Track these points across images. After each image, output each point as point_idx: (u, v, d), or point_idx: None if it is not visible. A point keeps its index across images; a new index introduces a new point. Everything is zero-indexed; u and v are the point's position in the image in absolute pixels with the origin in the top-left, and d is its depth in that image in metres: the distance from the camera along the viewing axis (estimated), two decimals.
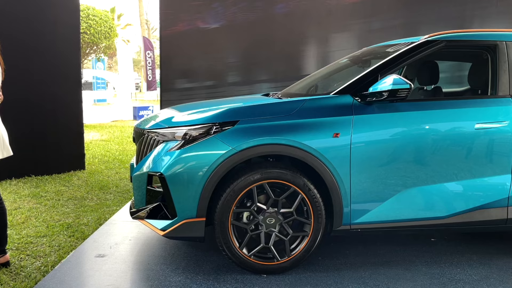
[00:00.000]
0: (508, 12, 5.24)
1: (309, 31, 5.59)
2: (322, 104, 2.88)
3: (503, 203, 2.94)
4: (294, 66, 5.64)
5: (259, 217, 2.78)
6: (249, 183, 2.73)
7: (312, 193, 2.78)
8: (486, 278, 2.82)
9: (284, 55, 5.60)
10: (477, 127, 2.87)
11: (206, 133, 2.72)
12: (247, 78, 5.67)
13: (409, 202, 2.88)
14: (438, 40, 3.02)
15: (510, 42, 3.05)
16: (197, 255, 3.14)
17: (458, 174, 2.89)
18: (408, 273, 2.89)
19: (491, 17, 5.19)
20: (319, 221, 2.82)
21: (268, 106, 2.90)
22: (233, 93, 5.45)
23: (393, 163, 2.84)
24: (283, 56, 5.60)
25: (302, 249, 2.83)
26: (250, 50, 5.56)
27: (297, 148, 2.73)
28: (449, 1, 5.45)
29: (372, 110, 2.84)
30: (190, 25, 5.48)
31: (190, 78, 5.64)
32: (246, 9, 5.43)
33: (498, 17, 5.20)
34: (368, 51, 3.83)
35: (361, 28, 5.53)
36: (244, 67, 5.64)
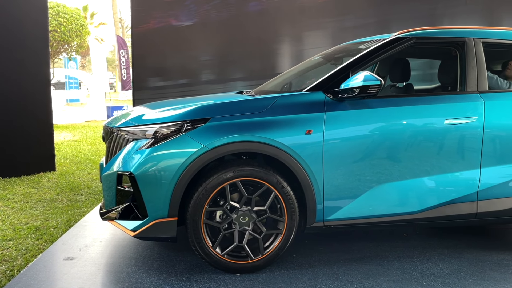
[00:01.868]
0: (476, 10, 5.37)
1: (283, 29, 5.58)
2: (294, 101, 2.86)
3: (473, 197, 2.99)
4: (269, 64, 5.63)
5: (232, 215, 2.75)
6: (222, 181, 2.69)
7: (286, 191, 2.77)
8: (457, 272, 2.87)
9: (258, 53, 5.58)
10: (446, 123, 2.91)
11: (177, 131, 2.67)
12: (221, 76, 5.63)
13: (382, 198, 2.90)
14: (408, 37, 3.05)
15: (478, 39, 3.10)
16: (170, 255, 3.08)
17: (428, 169, 2.92)
18: (381, 269, 2.91)
19: (461, 15, 5.30)
20: (292, 219, 2.80)
21: (240, 103, 2.87)
22: (208, 91, 5.39)
23: (366, 160, 2.86)
24: (258, 54, 5.58)
25: (276, 247, 2.81)
26: (224, 48, 5.52)
27: (269, 145, 2.71)
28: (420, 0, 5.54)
29: (344, 106, 2.84)
30: (163, 23, 5.39)
31: (163, 77, 5.56)
32: (219, 7, 5.38)
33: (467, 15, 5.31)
34: (341, 49, 3.84)
35: (334, 26, 5.56)
36: (218, 65, 5.59)
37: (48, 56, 5.90)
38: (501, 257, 3.12)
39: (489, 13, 5.42)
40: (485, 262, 3.03)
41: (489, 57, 3.20)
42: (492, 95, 3.04)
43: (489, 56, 3.17)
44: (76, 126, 12.48)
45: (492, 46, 3.19)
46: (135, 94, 5.54)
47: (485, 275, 2.81)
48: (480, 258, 3.10)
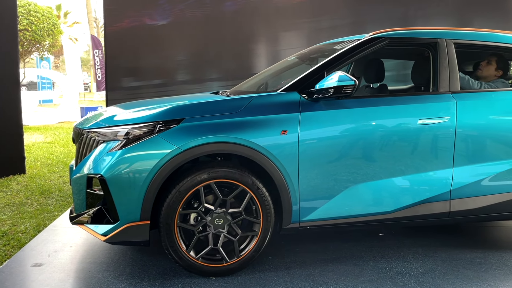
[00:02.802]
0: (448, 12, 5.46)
1: (259, 29, 5.56)
2: (269, 101, 2.84)
3: (446, 196, 3.03)
4: (245, 64, 5.59)
5: (207, 218, 2.70)
6: (196, 183, 2.64)
7: (261, 192, 2.74)
8: (431, 271, 2.89)
9: (235, 53, 5.54)
10: (420, 123, 2.93)
11: (149, 132, 2.61)
12: (197, 76, 5.56)
13: (357, 198, 2.90)
14: (382, 38, 3.06)
15: (450, 40, 3.14)
16: (143, 259, 3.01)
17: (403, 169, 2.94)
18: (357, 269, 2.91)
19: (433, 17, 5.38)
20: (268, 220, 2.77)
21: (215, 104, 2.83)
22: (184, 91, 5.32)
23: (341, 160, 2.85)
24: (234, 54, 5.54)
25: (252, 249, 2.78)
26: (199, 48, 5.45)
27: (244, 146, 2.68)
28: (395, 1, 5.61)
29: (319, 107, 2.83)
30: (136, 22, 5.29)
31: (137, 77, 5.45)
32: (194, 6, 5.32)
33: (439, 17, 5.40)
34: (316, 49, 3.84)
35: (310, 27, 5.57)
36: (194, 65, 5.52)
37: (18, 55, 5.71)
38: (473, 255, 3.17)
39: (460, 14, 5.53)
40: (459, 260, 3.07)
41: (461, 58, 3.25)
42: (464, 95, 3.08)
43: (461, 56, 3.21)
44: (48, 128, 12.16)
45: (464, 47, 3.24)
46: (109, 95, 5.41)
47: (459, 274, 2.85)
48: (453, 256, 3.14)
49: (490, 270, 2.90)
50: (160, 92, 5.33)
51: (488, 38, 3.30)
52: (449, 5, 5.50)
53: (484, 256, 3.15)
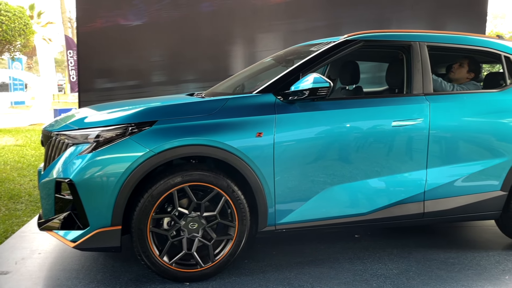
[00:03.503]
0: (422, 15, 5.55)
1: (236, 31, 5.52)
2: (244, 103, 2.80)
3: (420, 197, 3.05)
4: (222, 65, 5.54)
5: (181, 222, 2.64)
6: (169, 187, 2.58)
7: (236, 195, 2.70)
8: (406, 272, 2.91)
9: (211, 55, 5.48)
10: (394, 124, 2.95)
11: (121, 134, 2.54)
12: (173, 78, 5.48)
13: (333, 200, 2.90)
14: (356, 40, 3.07)
15: (423, 43, 3.17)
16: (114, 266, 2.93)
17: (377, 170, 2.95)
18: (332, 271, 2.90)
19: (407, 20, 5.45)
20: (243, 223, 2.74)
21: (189, 105, 2.78)
22: (159, 93, 5.23)
23: (316, 162, 2.84)
24: (210, 56, 5.48)
25: (227, 253, 2.73)
26: (175, 49, 5.37)
27: (219, 149, 2.64)
28: (369, 4, 5.66)
29: (294, 109, 2.82)
30: (110, 22, 5.18)
31: (111, 78, 5.33)
32: (169, 7, 5.24)
33: (413, 20, 5.48)
34: (292, 51, 3.83)
35: (287, 29, 5.57)
36: (170, 66, 5.43)
37: None
38: (447, 255, 3.20)
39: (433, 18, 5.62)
40: (432, 261, 3.09)
41: (434, 61, 3.29)
42: (436, 97, 3.12)
43: (434, 59, 3.25)
44: (20, 130, 11.82)
45: (437, 50, 3.29)
46: (81, 96, 5.27)
47: (433, 274, 2.87)
48: (427, 257, 3.16)
49: (463, 270, 2.94)
50: (135, 93, 5.23)
51: (460, 41, 3.35)
52: (422, 9, 5.58)
53: (457, 256, 3.19)
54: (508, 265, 3.04)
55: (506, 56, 3.38)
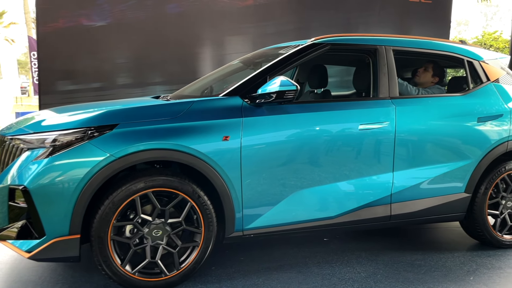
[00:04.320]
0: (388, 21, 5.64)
1: (204, 33, 5.45)
2: (210, 106, 2.74)
3: (387, 200, 3.06)
4: (190, 68, 5.45)
5: (144, 229, 2.55)
6: (131, 193, 2.48)
7: (202, 200, 2.62)
8: (374, 275, 2.90)
9: (179, 57, 5.39)
10: (361, 128, 2.95)
11: (80, 138, 2.42)
12: (139, 80, 5.34)
13: (301, 204, 2.87)
14: (323, 43, 3.06)
15: (389, 47, 3.20)
16: (74, 276, 2.79)
17: (344, 174, 2.94)
18: (301, 276, 2.86)
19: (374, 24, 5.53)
20: (210, 229, 2.67)
21: (152, 108, 2.68)
22: (124, 95, 5.09)
23: (284, 166, 2.81)
24: (178, 58, 5.38)
25: (193, 261, 2.65)
26: (142, 51, 5.24)
27: (184, 153, 2.56)
28: (338, 9, 5.71)
29: (261, 112, 2.77)
30: (73, 22, 5.00)
31: (74, 80, 5.14)
32: (135, 7, 5.11)
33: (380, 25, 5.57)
34: (260, 54, 3.80)
35: (256, 32, 5.54)
36: (136, 68, 5.30)
37: None
38: (414, 257, 3.23)
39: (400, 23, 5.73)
40: (400, 263, 3.11)
41: (400, 65, 3.32)
42: (402, 101, 3.15)
43: (399, 63, 3.28)
44: None
45: (402, 54, 3.32)
46: (42, 99, 5.06)
47: (400, 277, 2.88)
48: (394, 259, 3.18)
49: (430, 272, 2.96)
50: (99, 96, 5.06)
51: (425, 45, 3.40)
52: (389, 14, 5.68)
53: (423, 258, 3.22)
54: (473, 266, 3.09)
55: (468, 60, 3.46)
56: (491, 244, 3.44)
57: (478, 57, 3.50)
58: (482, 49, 3.69)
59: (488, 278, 2.90)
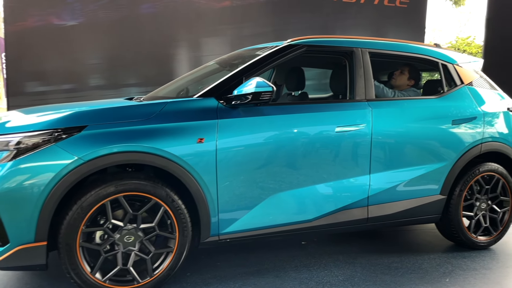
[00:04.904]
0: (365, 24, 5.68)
1: (180, 34, 5.36)
2: (184, 107, 2.66)
3: (364, 203, 3.05)
4: (166, 69, 5.36)
5: (115, 235, 2.45)
6: (101, 197, 2.38)
7: (176, 205, 2.54)
8: (351, 278, 2.88)
9: (154, 58, 5.28)
10: (337, 130, 2.92)
11: (46, 141, 2.31)
12: (112, 82, 5.21)
13: (277, 207, 2.82)
14: (300, 45, 3.03)
15: (365, 49, 3.19)
16: (42, 285, 2.66)
17: (321, 176, 2.91)
18: (278, 280, 2.81)
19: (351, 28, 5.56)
20: (184, 235, 2.59)
21: (123, 109, 2.58)
22: (97, 97, 4.95)
23: (261, 169, 2.75)
24: (153, 59, 5.28)
25: (167, 267, 2.57)
26: (115, 51, 5.12)
27: (157, 156, 2.48)
28: (315, 12, 5.72)
29: (237, 113, 2.71)
30: (42, 21, 4.83)
31: (44, 81, 4.97)
32: (108, 7, 4.99)
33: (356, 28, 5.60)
34: (236, 55, 3.74)
35: (233, 34, 5.49)
36: (109, 69, 5.17)
37: None
38: (391, 260, 3.22)
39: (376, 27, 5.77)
40: (377, 266, 3.09)
41: (376, 68, 3.32)
42: (378, 103, 3.14)
43: (376, 66, 3.28)
44: None
45: (378, 56, 3.32)
46: (10, 101, 4.87)
47: (377, 279, 2.86)
48: (372, 262, 3.16)
49: (406, 274, 2.96)
50: (71, 98, 4.91)
51: (400, 48, 3.41)
52: (365, 18, 5.72)
53: (400, 260, 3.21)
54: (448, 267, 3.10)
55: (443, 64, 3.49)
56: (466, 245, 3.47)
57: (452, 60, 3.54)
58: (456, 53, 3.74)
59: (463, 279, 2.91)
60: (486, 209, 3.49)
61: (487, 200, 3.50)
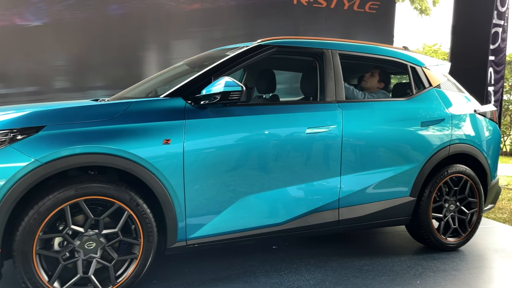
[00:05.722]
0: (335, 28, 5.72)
1: (149, 36, 5.24)
2: (150, 107, 2.57)
3: (334, 205, 3.02)
4: (134, 72, 5.21)
5: (75, 242, 2.32)
6: (60, 201, 2.25)
7: (141, 209, 2.44)
8: (322, 282, 2.83)
9: (123, 60, 5.14)
10: (308, 131, 2.89)
11: (1, 142, 2.17)
12: (79, 84, 5.03)
13: (247, 211, 2.75)
14: (270, 45, 2.99)
15: (335, 51, 3.18)
16: None
17: (291, 178, 2.86)
18: (248, 286, 2.74)
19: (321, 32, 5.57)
20: (150, 240, 2.48)
21: (84, 109, 2.46)
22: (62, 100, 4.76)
23: (230, 171, 2.68)
24: (121, 61, 5.13)
25: (131, 275, 2.46)
26: (81, 53, 4.94)
27: (121, 158, 2.37)
28: (286, 16, 5.71)
29: (206, 114, 2.64)
30: (5, 21, 4.62)
31: (5, 83, 4.74)
32: (75, 7, 4.82)
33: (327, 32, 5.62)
34: (206, 55, 3.67)
35: (203, 36, 5.42)
36: (75, 71, 4.98)
37: None
38: (362, 262, 3.20)
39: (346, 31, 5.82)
40: (348, 269, 3.06)
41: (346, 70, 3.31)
42: (349, 104, 3.13)
43: (346, 68, 3.27)
44: None
45: (348, 58, 3.31)
46: None
47: (348, 283, 2.82)
48: (343, 265, 3.13)
49: (377, 277, 2.93)
50: (35, 100, 4.70)
51: (370, 50, 3.42)
52: (336, 22, 5.76)
53: (371, 263, 3.19)
54: (419, 269, 3.10)
55: (412, 66, 3.52)
56: (436, 247, 3.48)
57: (420, 63, 3.57)
58: (424, 56, 3.78)
59: (434, 281, 2.91)
60: (455, 211, 3.52)
61: (455, 201, 3.53)
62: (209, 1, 5.35)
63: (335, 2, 5.74)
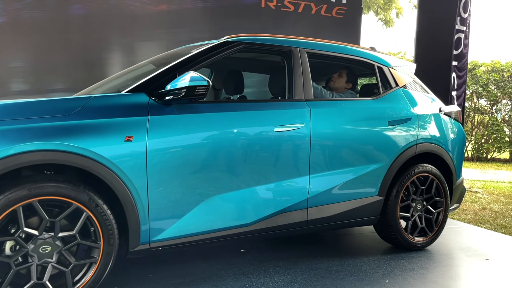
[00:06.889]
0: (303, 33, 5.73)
1: (113, 37, 5.08)
2: (111, 102, 2.45)
3: (303, 205, 2.97)
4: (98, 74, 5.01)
5: (29, 246, 2.16)
6: (12, 202, 2.10)
7: (101, 210, 2.31)
8: (291, 283, 2.76)
9: (85, 62, 4.94)
10: (276, 130, 2.84)
11: None
12: (38, 86, 4.80)
13: (213, 212, 2.66)
14: (237, 42, 2.94)
15: (303, 49, 3.16)
16: None
17: (259, 178, 2.79)
18: None
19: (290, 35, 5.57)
20: (110, 243, 2.35)
21: (38, 104, 2.31)
22: None
23: (196, 170, 2.59)
24: (84, 63, 4.94)
25: (89, 280, 2.31)
26: (41, 54, 4.73)
27: (79, 155, 2.24)
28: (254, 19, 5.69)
29: (171, 110, 2.54)
30: None
31: None
32: (33, 6, 4.61)
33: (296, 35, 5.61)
34: (172, 53, 3.56)
35: (170, 38, 5.30)
36: (35, 73, 4.76)
37: None
38: (331, 263, 3.15)
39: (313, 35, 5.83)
40: (317, 270, 3.01)
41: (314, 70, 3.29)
42: (317, 103, 3.10)
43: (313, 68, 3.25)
44: None
45: (316, 57, 3.30)
46: None
47: (317, 284, 2.77)
48: (312, 266, 3.08)
49: (347, 277, 2.90)
50: None
51: (338, 49, 3.42)
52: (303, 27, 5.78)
53: (340, 263, 3.15)
54: (388, 269, 3.09)
55: (378, 66, 3.54)
56: (404, 246, 3.49)
57: (387, 63, 3.61)
58: (391, 56, 3.82)
59: (402, 279, 2.89)
60: (422, 210, 3.55)
61: (422, 201, 3.55)
62: (175, 2, 5.26)
63: (302, 6, 5.77)
